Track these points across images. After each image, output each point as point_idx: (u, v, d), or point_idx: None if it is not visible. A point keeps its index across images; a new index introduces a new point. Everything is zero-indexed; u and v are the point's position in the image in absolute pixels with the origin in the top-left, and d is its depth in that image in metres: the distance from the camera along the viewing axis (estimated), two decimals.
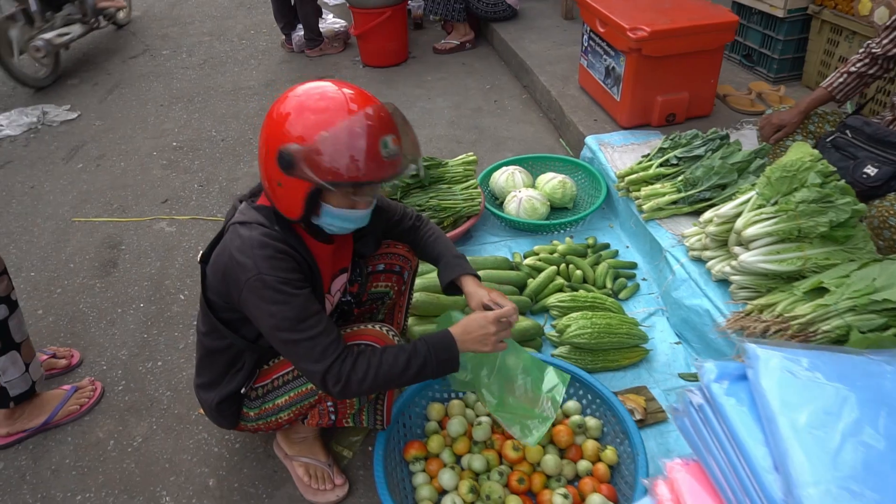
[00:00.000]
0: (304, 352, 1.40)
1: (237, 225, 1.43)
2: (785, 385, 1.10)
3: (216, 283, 1.48)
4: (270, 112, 1.37)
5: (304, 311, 1.39)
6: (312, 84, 1.39)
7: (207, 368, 1.65)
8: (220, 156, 3.58)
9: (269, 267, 1.37)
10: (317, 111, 1.31)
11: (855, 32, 2.98)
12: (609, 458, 1.79)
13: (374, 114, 1.33)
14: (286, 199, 1.39)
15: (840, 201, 1.91)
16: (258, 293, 1.38)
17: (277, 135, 1.33)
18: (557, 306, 2.26)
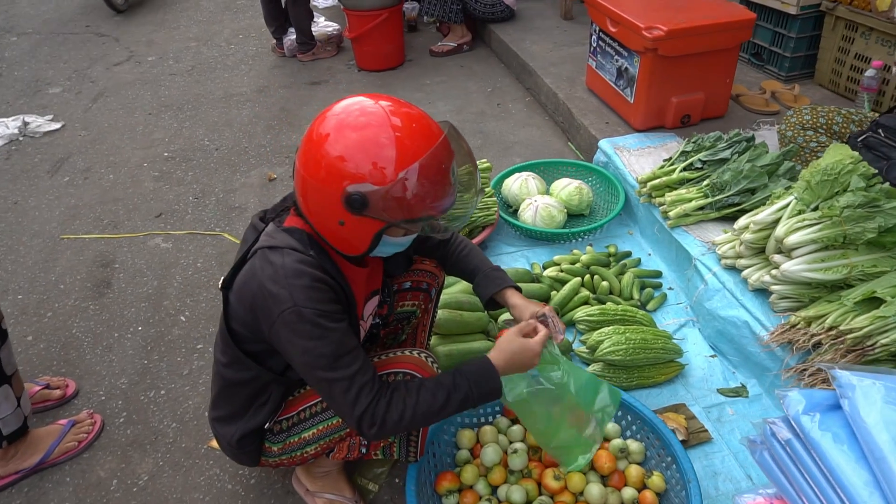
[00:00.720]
0: (339, 392, 1.27)
1: (266, 250, 1.29)
2: (891, 419, 0.99)
3: (242, 313, 1.35)
4: (316, 142, 1.21)
5: (342, 347, 1.27)
6: (360, 107, 1.23)
7: (227, 401, 1.50)
8: (214, 166, 3.42)
9: (307, 298, 1.24)
10: (390, 145, 1.18)
11: (872, 29, 2.91)
12: (656, 485, 1.68)
13: (445, 142, 1.23)
14: (349, 238, 1.28)
15: (888, 205, 1.82)
16: (293, 327, 1.24)
17: (339, 173, 1.19)
18: (586, 320, 2.14)
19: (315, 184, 1.22)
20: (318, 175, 1.21)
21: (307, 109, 3.96)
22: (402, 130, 1.19)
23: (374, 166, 1.18)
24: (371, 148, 1.18)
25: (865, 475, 0.98)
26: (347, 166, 1.18)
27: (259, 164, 3.43)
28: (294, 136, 3.67)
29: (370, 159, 1.18)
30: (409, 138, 1.20)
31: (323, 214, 1.26)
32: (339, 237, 1.29)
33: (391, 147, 1.18)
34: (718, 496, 1.74)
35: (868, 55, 2.97)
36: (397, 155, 1.18)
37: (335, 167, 1.19)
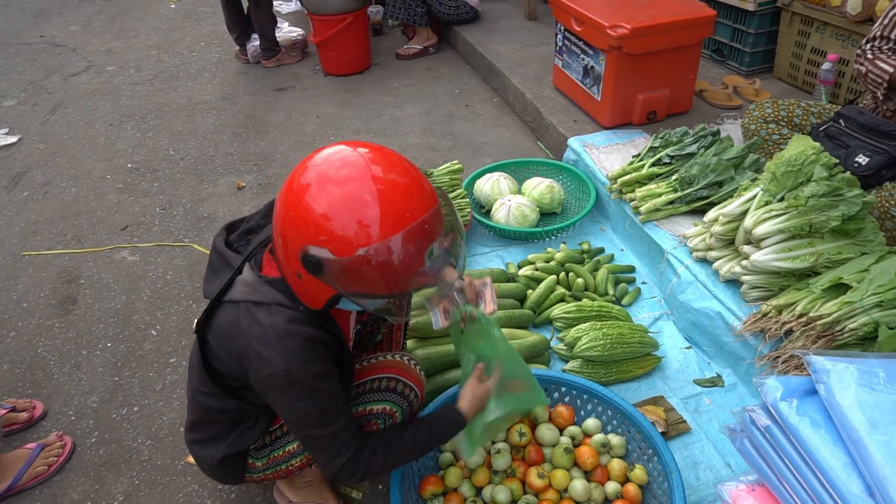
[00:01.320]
0: (321, 447, 1.29)
1: (251, 306, 1.24)
2: (866, 401, 1.01)
3: (227, 359, 1.31)
4: (294, 190, 1.13)
5: (329, 406, 1.27)
6: (341, 159, 1.12)
7: (208, 426, 1.46)
8: (181, 176, 3.35)
9: (299, 361, 1.20)
10: (361, 213, 1.07)
11: (826, 23, 2.99)
12: (639, 477, 1.69)
13: (428, 218, 1.11)
14: (305, 292, 1.22)
15: (850, 194, 1.87)
16: (283, 389, 1.22)
17: (304, 230, 1.11)
18: (563, 318, 2.15)
19: (282, 231, 1.16)
20: (285, 224, 1.15)
21: (274, 116, 3.91)
22: (381, 198, 1.08)
23: (337, 233, 1.08)
24: (340, 212, 1.08)
25: (843, 457, 1.00)
26: (309, 223, 1.10)
27: (227, 172, 3.37)
28: (261, 143, 3.62)
29: (334, 224, 1.08)
30: (390, 217, 1.08)
31: (286, 262, 1.20)
32: (298, 287, 1.23)
33: (360, 216, 1.07)
34: (699, 485, 1.76)
35: (823, 49, 3.05)
36: (362, 228, 1.07)
37: (301, 220, 1.11)
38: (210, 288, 1.35)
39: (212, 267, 1.38)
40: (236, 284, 1.28)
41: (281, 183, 3.21)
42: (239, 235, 1.41)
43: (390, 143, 3.53)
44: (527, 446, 1.77)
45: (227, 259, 1.35)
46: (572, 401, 1.88)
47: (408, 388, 1.51)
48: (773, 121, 2.49)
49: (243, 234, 1.42)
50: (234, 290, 1.28)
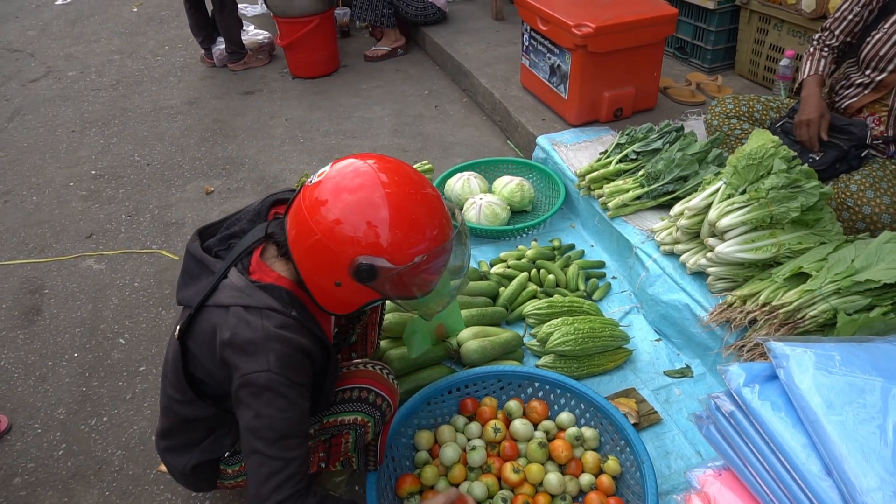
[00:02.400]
0: (266, 471, 1.19)
1: (241, 309, 1.22)
2: (822, 384, 1.05)
3: (209, 365, 1.29)
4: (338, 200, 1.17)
5: (292, 428, 1.21)
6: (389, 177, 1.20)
7: (181, 433, 1.44)
8: (147, 182, 3.30)
9: (282, 366, 1.20)
10: (414, 227, 1.20)
11: (783, 21, 3.08)
12: (612, 468, 1.72)
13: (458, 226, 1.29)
14: (338, 299, 1.28)
15: (808, 185, 1.92)
16: (257, 391, 1.19)
17: (354, 242, 1.17)
18: (535, 314, 2.17)
19: (325, 241, 1.18)
20: (332, 234, 1.18)
21: (241, 119, 3.88)
22: (426, 214, 1.21)
23: (393, 244, 1.18)
24: (397, 225, 1.17)
25: (802, 438, 1.03)
26: (368, 236, 1.17)
27: (194, 177, 3.33)
28: (229, 147, 3.59)
29: (394, 236, 1.18)
30: (430, 223, 1.22)
31: (320, 271, 1.23)
32: (329, 295, 1.27)
33: (414, 229, 1.19)
34: (671, 474, 1.79)
35: (781, 45, 3.14)
36: (417, 238, 1.20)
37: (355, 233, 1.17)
38: (186, 294, 1.33)
39: (187, 273, 1.36)
40: (223, 289, 1.26)
41: (251, 187, 3.20)
42: (220, 240, 1.39)
43: (360, 144, 3.53)
44: (502, 442, 1.79)
45: (206, 264, 1.32)
46: (546, 395, 1.90)
47: (380, 398, 1.51)
48: (734, 116, 2.55)
49: (224, 238, 1.39)
50: (220, 294, 1.26)
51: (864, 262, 1.74)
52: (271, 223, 1.34)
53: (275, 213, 1.42)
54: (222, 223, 1.42)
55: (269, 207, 1.41)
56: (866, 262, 1.74)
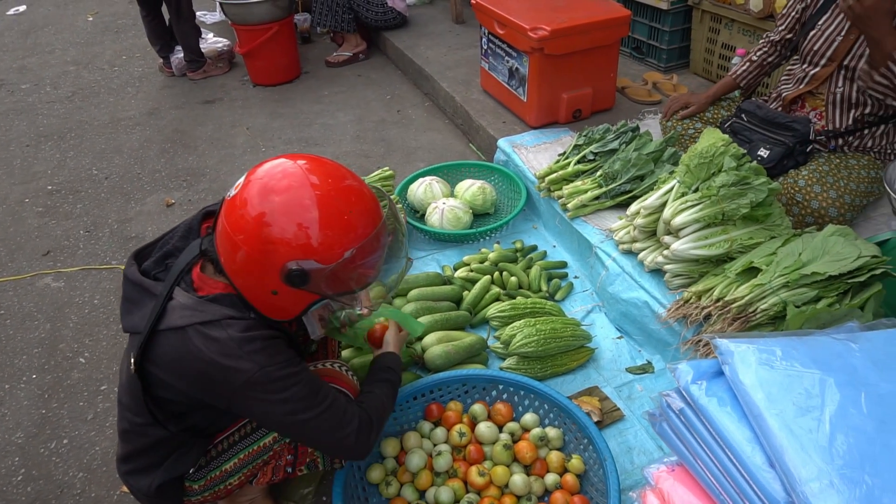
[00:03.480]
0: (329, 424, 1.31)
1: (200, 327, 1.22)
2: (765, 378, 1.08)
3: (179, 385, 1.28)
4: (251, 208, 1.18)
5: (314, 384, 1.31)
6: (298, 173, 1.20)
7: (144, 456, 1.42)
8: (105, 196, 3.24)
9: (269, 357, 1.23)
10: (336, 223, 1.19)
11: (734, 20, 3.15)
12: (576, 467, 1.75)
13: (385, 212, 1.28)
14: (278, 307, 1.28)
15: (756, 182, 1.98)
16: (264, 387, 1.23)
17: (280, 249, 1.18)
18: (498, 316, 2.19)
19: (249, 253, 1.19)
20: (255, 245, 1.18)
21: (202, 129, 3.83)
22: (346, 206, 1.20)
23: (318, 243, 1.18)
24: (315, 222, 1.17)
25: (747, 432, 1.06)
26: (289, 241, 1.17)
27: (154, 189, 3.28)
28: (190, 157, 3.54)
29: (314, 235, 1.17)
30: (354, 216, 1.21)
31: (253, 282, 1.24)
32: (269, 304, 1.27)
33: (335, 226, 1.19)
34: (634, 469, 1.83)
35: (733, 44, 3.22)
36: (342, 234, 1.19)
37: (275, 240, 1.17)
38: (132, 321, 1.31)
39: (129, 300, 1.34)
40: (172, 310, 1.25)
41: (212, 198, 3.16)
42: (155, 262, 1.37)
43: (322, 151, 3.52)
44: (467, 446, 1.80)
45: (146, 288, 1.31)
46: (510, 397, 1.92)
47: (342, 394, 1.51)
48: (688, 116, 2.60)
49: (160, 259, 1.37)
50: (171, 316, 1.25)
51: (811, 255, 1.80)
52: (204, 239, 1.34)
53: (206, 226, 1.42)
54: (157, 243, 1.41)
55: (200, 221, 1.41)
56: (812, 256, 1.80)
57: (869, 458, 0.96)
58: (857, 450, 0.97)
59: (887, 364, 1.09)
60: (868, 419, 1.00)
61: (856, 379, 1.06)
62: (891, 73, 1.91)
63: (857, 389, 1.04)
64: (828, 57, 2.15)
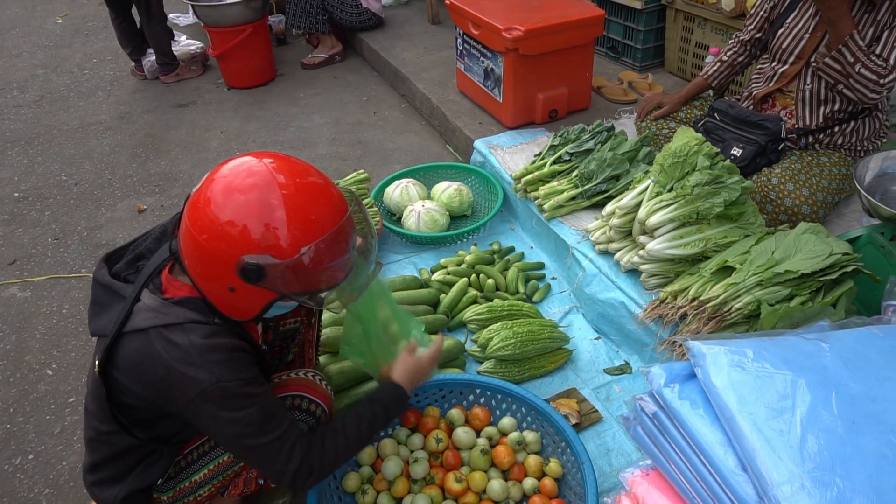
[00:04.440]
0: (270, 455, 1.25)
1: (162, 329, 1.19)
2: (736, 380, 1.07)
3: (140, 391, 1.24)
4: (212, 203, 1.16)
5: (270, 409, 1.25)
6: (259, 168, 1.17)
7: (110, 466, 1.38)
8: (75, 202, 3.17)
9: (229, 371, 1.19)
10: (293, 218, 1.15)
11: (706, 19, 3.17)
12: (554, 471, 1.73)
13: (349, 218, 1.23)
14: (238, 304, 1.24)
15: (730, 181, 1.98)
16: (218, 403, 1.19)
17: (237, 240, 1.14)
18: (475, 320, 2.18)
19: (207, 247, 1.16)
20: (212, 238, 1.15)
21: (175, 133, 3.77)
22: (307, 202, 1.17)
23: (275, 238, 1.14)
24: (272, 219, 1.14)
25: (720, 435, 1.05)
26: (246, 234, 1.14)
27: (125, 195, 3.21)
28: (162, 162, 3.48)
29: (271, 230, 1.14)
30: (315, 211, 1.17)
31: (211, 278, 1.21)
32: (227, 302, 1.24)
33: (295, 220, 1.15)
34: (612, 471, 1.82)
35: (706, 43, 3.23)
36: (301, 228, 1.15)
37: (232, 233, 1.14)
38: (99, 324, 1.29)
39: (97, 303, 1.32)
40: (137, 312, 1.23)
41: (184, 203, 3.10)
42: (127, 264, 1.35)
43: (298, 154, 3.45)
44: (444, 452, 1.78)
45: (116, 290, 1.29)
46: (487, 401, 1.90)
47: (313, 404, 1.48)
48: (661, 116, 2.60)
49: (132, 261, 1.35)
50: (135, 318, 1.23)
51: (784, 253, 1.81)
52: (174, 240, 1.30)
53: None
54: (129, 246, 1.38)
55: (175, 224, 1.38)
56: (785, 254, 1.80)
57: (840, 460, 0.95)
58: (828, 452, 0.96)
59: (857, 364, 1.08)
60: (839, 420, 1.00)
61: (826, 379, 1.06)
62: (843, 57, 1.93)
63: (827, 390, 1.04)
64: (796, 54, 2.17)
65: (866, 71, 1.95)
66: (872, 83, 1.96)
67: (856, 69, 1.95)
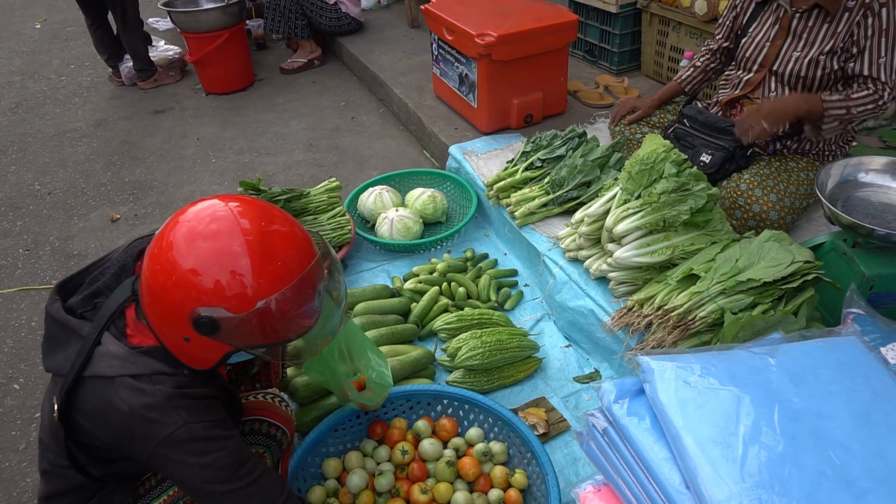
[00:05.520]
0: (244, 501, 1.20)
1: (129, 379, 1.15)
2: (683, 397, 1.07)
3: (104, 436, 1.20)
4: (166, 248, 1.11)
5: (240, 456, 1.20)
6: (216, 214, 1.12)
7: (65, 497, 1.34)
8: (48, 212, 3.14)
9: (195, 414, 1.15)
10: (249, 268, 1.08)
11: (681, 23, 3.17)
12: (519, 482, 1.73)
13: (314, 268, 1.15)
14: (194, 355, 1.19)
15: (696, 188, 1.98)
16: (185, 447, 1.14)
17: (190, 291, 1.08)
18: (445, 329, 2.17)
19: (162, 295, 1.11)
20: (168, 287, 1.10)
21: (151, 140, 3.74)
22: (267, 251, 1.10)
23: (231, 290, 1.08)
24: (228, 267, 1.08)
25: (665, 452, 1.05)
26: (200, 284, 1.08)
27: (99, 204, 3.19)
28: (137, 170, 3.45)
29: (226, 281, 1.08)
30: (274, 262, 1.10)
31: (166, 326, 1.16)
32: (183, 352, 1.19)
33: (251, 270, 1.08)
34: (579, 481, 1.77)
35: (681, 46, 3.24)
36: (258, 280, 1.09)
37: (186, 282, 1.09)
38: (55, 362, 1.24)
39: (52, 338, 1.26)
40: (101, 358, 1.18)
41: (160, 212, 3.09)
42: (83, 300, 1.29)
43: (275, 161, 3.46)
44: (410, 464, 1.77)
45: (72, 328, 1.23)
46: (455, 412, 1.90)
47: (273, 427, 1.47)
48: (635, 121, 2.60)
49: (88, 298, 1.29)
50: (99, 364, 1.18)
51: (747, 261, 1.81)
52: (137, 280, 1.25)
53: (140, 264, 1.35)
54: (84, 275, 1.32)
55: (135, 259, 1.33)
56: (749, 262, 1.80)
57: (779, 479, 0.95)
58: (768, 470, 0.96)
59: (804, 378, 1.08)
60: (781, 437, 1.00)
61: (771, 395, 1.06)
62: (835, 118, 2.01)
63: (771, 406, 1.04)
64: (759, 63, 2.18)
65: (861, 107, 1.99)
66: (873, 108, 2.00)
67: (853, 112, 2.00)
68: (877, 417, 1.02)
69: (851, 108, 1.99)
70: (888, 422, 1.01)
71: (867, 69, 1.99)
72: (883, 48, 1.96)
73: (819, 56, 2.03)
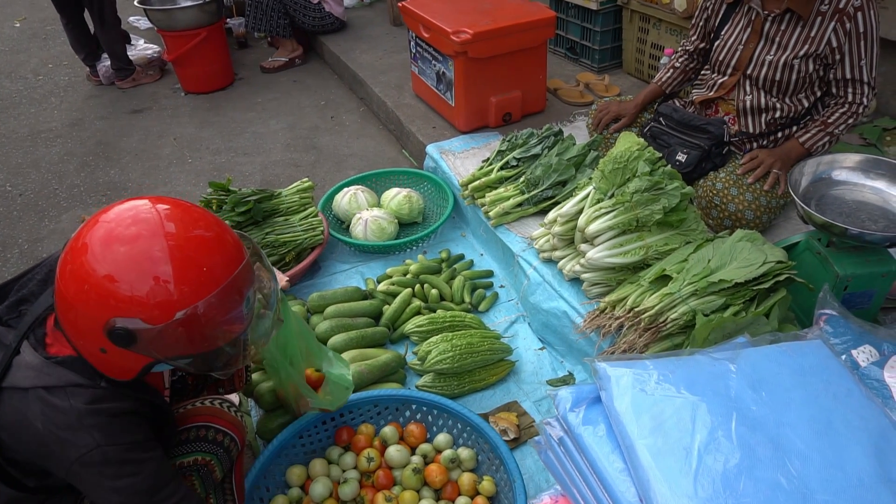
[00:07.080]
0: None
1: (43, 392, 1.09)
2: (639, 405, 1.03)
3: (23, 452, 1.15)
4: (79, 251, 1.04)
5: (158, 478, 1.14)
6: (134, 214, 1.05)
7: None
8: (17, 214, 3.08)
9: (110, 435, 1.09)
10: (168, 276, 1.02)
11: (661, 20, 3.14)
12: (487, 489, 1.68)
13: (239, 275, 1.09)
14: (112, 366, 1.12)
15: (670, 187, 1.94)
16: (99, 470, 1.09)
17: (105, 301, 1.02)
18: (416, 331, 2.13)
19: (74, 303, 1.05)
20: (80, 293, 1.04)
21: (127, 141, 3.68)
22: (191, 257, 1.05)
23: (150, 299, 1.02)
24: (147, 274, 1.02)
25: (620, 463, 1.01)
26: (116, 292, 1.02)
27: (71, 206, 3.13)
28: (112, 171, 3.39)
29: (145, 289, 1.02)
30: (198, 268, 1.04)
31: (81, 336, 1.09)
32: (101, 361, 1.12)
33: (173, 276, 1.03)
34: (550, 486, 1.76)
35: (661, 43, 3.20)
36: (179, 288, 1.03)
37: (101, 289, 1.02)
38: None
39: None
40: (17, 368, 1.13)
41: None
42: (9, 307, 1.24)
43: (252, 161, 3.40)
44: (376, 471, 1.73)
45: None
46: (423, 417, 1.85)
47: (220, 433, 1.42)
48: (613, 119, 2.56)
49: (14, 305, 1.24)
50: (15, 374, 1.13)
51: (719, 261, 1.77)
52: None
53: None
54: (15, 282, 1.27)
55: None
56: (721, 262, 1.77)
57: (733, 493, 0.90)
58: (723, 483, 0.92)
59: (764, 385, 1.04)
60: (737, 448, 0.96)
61: (729, 403, 1.02)
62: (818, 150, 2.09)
63: (728, 415, 1.00)
64: (732, 66, 2.15)
65: (842, 125, 2.06)
66: (853, 121, 2.07)
67: (835, 133, 2.07)
68: (837, 425, 0.98)
69: (833, 132, 2.07)
70: (848, 429, 0.97)
71: (849, 72, 2.00)
72: (863, 50, 1.97)
73: (793, 60, 2.00)
